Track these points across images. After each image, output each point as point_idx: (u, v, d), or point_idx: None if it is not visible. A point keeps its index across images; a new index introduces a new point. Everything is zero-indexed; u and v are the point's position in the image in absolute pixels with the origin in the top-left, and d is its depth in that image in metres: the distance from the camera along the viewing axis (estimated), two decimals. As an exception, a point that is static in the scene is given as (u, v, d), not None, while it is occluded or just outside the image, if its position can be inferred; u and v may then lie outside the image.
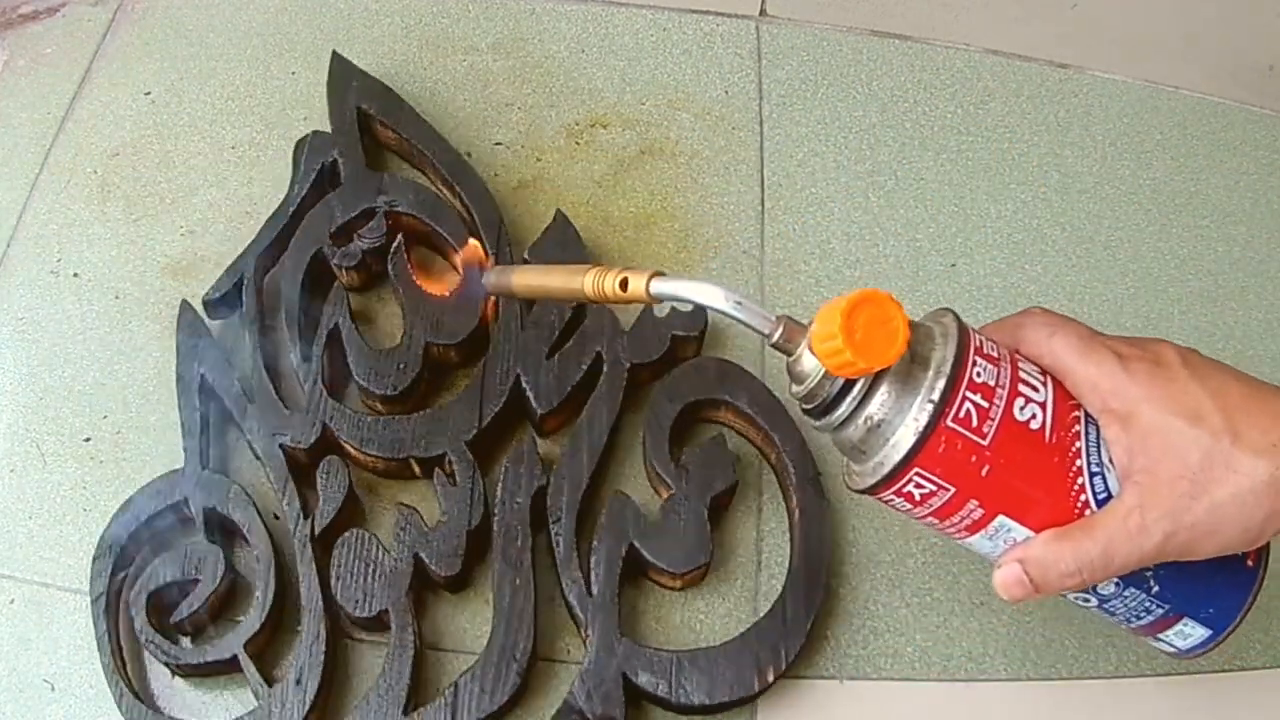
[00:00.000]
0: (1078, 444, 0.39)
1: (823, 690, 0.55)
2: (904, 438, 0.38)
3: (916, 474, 0.39)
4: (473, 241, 0.60)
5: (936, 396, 0.38)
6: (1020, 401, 0.39)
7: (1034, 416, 0.39)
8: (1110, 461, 0.39)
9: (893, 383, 0.39)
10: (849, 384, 0.39)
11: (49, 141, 0.70)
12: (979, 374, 0.38)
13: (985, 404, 0.38)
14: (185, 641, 0.54)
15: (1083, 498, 0.39)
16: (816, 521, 0.57)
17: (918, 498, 0.40)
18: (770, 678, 0.53)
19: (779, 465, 0.59)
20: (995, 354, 0.40)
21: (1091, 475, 0.39)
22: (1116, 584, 0.41)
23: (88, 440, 0.59)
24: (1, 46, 0.74)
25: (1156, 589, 0.41)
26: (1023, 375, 0.40)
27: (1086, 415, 0.40)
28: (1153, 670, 0.56)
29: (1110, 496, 0.39)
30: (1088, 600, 0.43)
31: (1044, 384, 0.40)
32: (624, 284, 0.44)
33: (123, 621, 0.54)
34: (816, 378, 0.40)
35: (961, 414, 0.38)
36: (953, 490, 0.39)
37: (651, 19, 0.77)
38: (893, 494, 0.40)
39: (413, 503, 0.57)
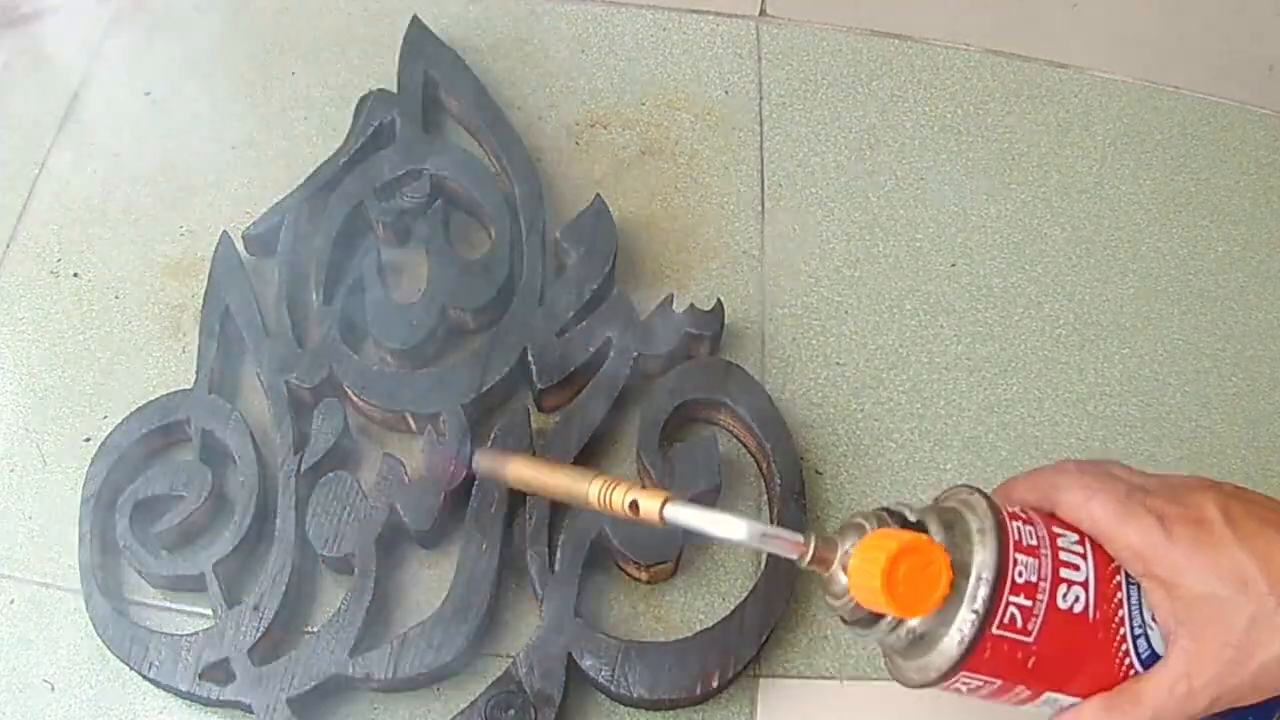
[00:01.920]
0: (1120, 612, 0.39)
1: (823, 690, 0.55)
2: (949, 647, 0.37)
3: (963, 675, 0.38)
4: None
5: (980, 607, 0.37)
6: (1063, 589, 0.38)
7: (1077, 599, 0.38)
8: (1153, 620, 0.39)
9: None
10: None
11: (49, 141, 0.70)
12: (1020, 573, 0.37)
13: (1029, 603, 0.37)
14: (162, 554, 0.55)
15: (1128, 661, 0.39)
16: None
17: (965, 690, 0.39)
18: (715, 683, 0.52)
19: (768, 475, 0.59)
20: (1034, 542, 0.38)
21: (1135, 638, 0.39)
22: None
23: (87, 440, 0.59)
24: (1, 46, 0.74)
25: None
26: (1063, 558, 0.39)
27: (1128, 576, 0.39)
28: (1153, 670, 0.56)
29: (1154, 655, 0.39)
30: None
31: (1084, 558, 0.39)
32: (634, 507, 0.41)
33: (107, 526, 0.56)
34: (853, 599, 0.38)
35: (1006, 619, 0.37)
36: (999, 683, 0.39)
37: (651, 19, 0.77)
38: (941, 689, 0.39)
39: (402, 456, 0.58)
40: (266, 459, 0.57)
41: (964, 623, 0.37)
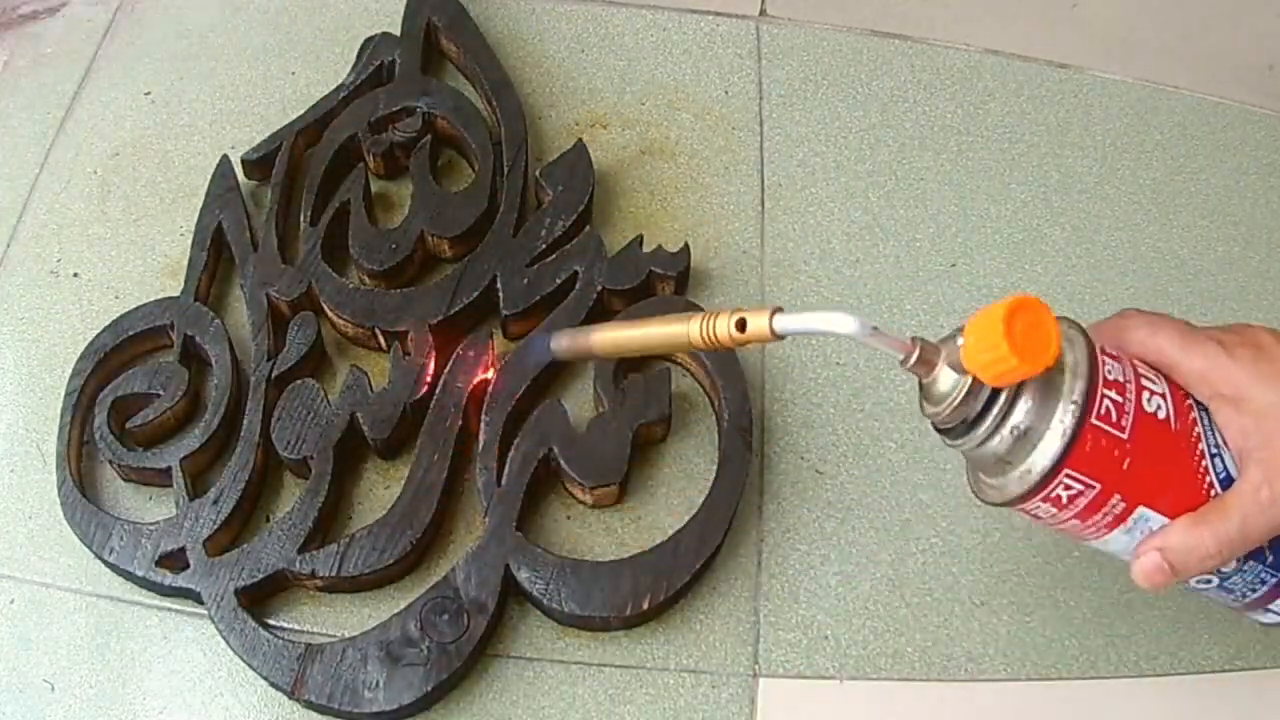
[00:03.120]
0: (1197, 429, 0.41)
1: (823, 690, 0.55)
2: (1052, 442, 0.39)
3: (1066, 475, 0.40)
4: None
5: (1079, 397, 0.39)
6: (1146, 394, 0.40)
7: (1159, 408, 0.41)
8: (1224, 443, 0.41)
9: (1034, 391, 0.39)
10: (992, 399, 0.40)
11: (49, 141, 0.70)
12: (1109, 372, 0.40)
13: (1119, 399, 0.40)
14: (136, 449, 0.58)
15: (1208, 480, 0.41)
16: (735, 471, 0.58)
17: (1065, 500, 0.40)
18: (645, 605, 0.54)
19: (718, 410, 0.60)
20: (1114, 352, 0.41)
21: (1211, 458, 0.41)
22: (1238, 561, 0.43)
23: (87, 442, 0.59)
24: (1, 46, 0.74)
25: (1271, 559, 0.43)
26: (1141, 371, 0.41)
27: (1197, 403, 0.42)
28: (1153, 670, 0.56)
29: (1230, 477, 0.41)
30: (1208, 583, 0.44)
31: (1158, 378, 0.42)
32: (741, 325, 0.42)
33: (86, 419, 0.59)
34: (958, 396, 0.40)
35: (1102, 411, 0.39)
36: (1098, 487, 0.40)
37: (651, 19, 0.77)
38: (1039, 500, 0.41)
39: (369, 370, 0.60)
40: (241, 365, 0.60)
41: (1065, 414, 0.39)
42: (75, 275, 0.65)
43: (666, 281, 0.63)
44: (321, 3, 0.77)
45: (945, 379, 0.40)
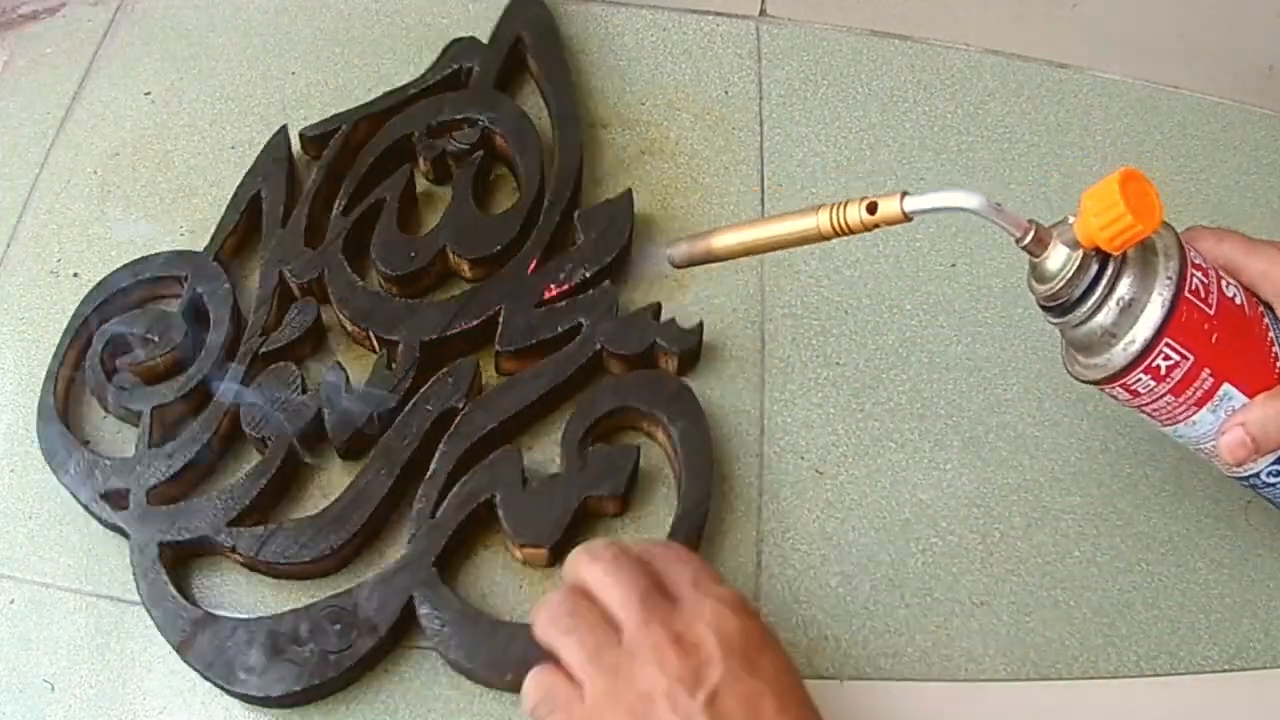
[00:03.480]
0: (1265, 319, 0.46)
1: (823, 690, 0.55)
2: (1153, 311, 0.43)
3: (1166, 345, 0.44)
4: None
5: (1173, 273, 0.43)
6: (1224, 281, 0.45)
7: (1235, 294, 0.45)
8: None
9: (1133, 266, 0.44)
10: (1099, 275, 0.44)
11: (49, 141, 0.70)
12: (1194, 257, 0.45)
13: (1205, 280, 0.44)
14: (121, 387, 0.59)
15: (1279, 365, 0.46)
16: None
17: (1163, 371, 0.45)
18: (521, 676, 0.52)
19: (677, 500, 0.58)
20: (1193, 245, 0.46)
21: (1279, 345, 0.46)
22: None
23: (86, 442, 0.59)
24: (1, 46, 0.74)
25: None
26: (1216, 264, 0.46)
27: (1263, 302, 0.47)
28: (1153, 670, 0.56)
29: None
30: (1276, 475, 0.48)
31: (1231, 275, 0.47)
32: (872, 208, 0.45)
33: (82, 349, 0.60)
34: (1069, 271, 0.44)
35: (1194, 286, 0.44)
36: (1192, 359, 0.44)
37: (651, 19, 0.77)
38: (1141, 372, 0.45)
39: (356, 371, 0.60)
40: (238, 333, 0.61)
41: (1163, 287, 0.43)
42: (75, 275, 0.65)
43: (670, 357, 0.61)
44: (321, 3, 0.77)
45: (1056, 257, 0.45)
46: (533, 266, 0.63)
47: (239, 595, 0.56)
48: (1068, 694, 0.56)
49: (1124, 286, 0.44)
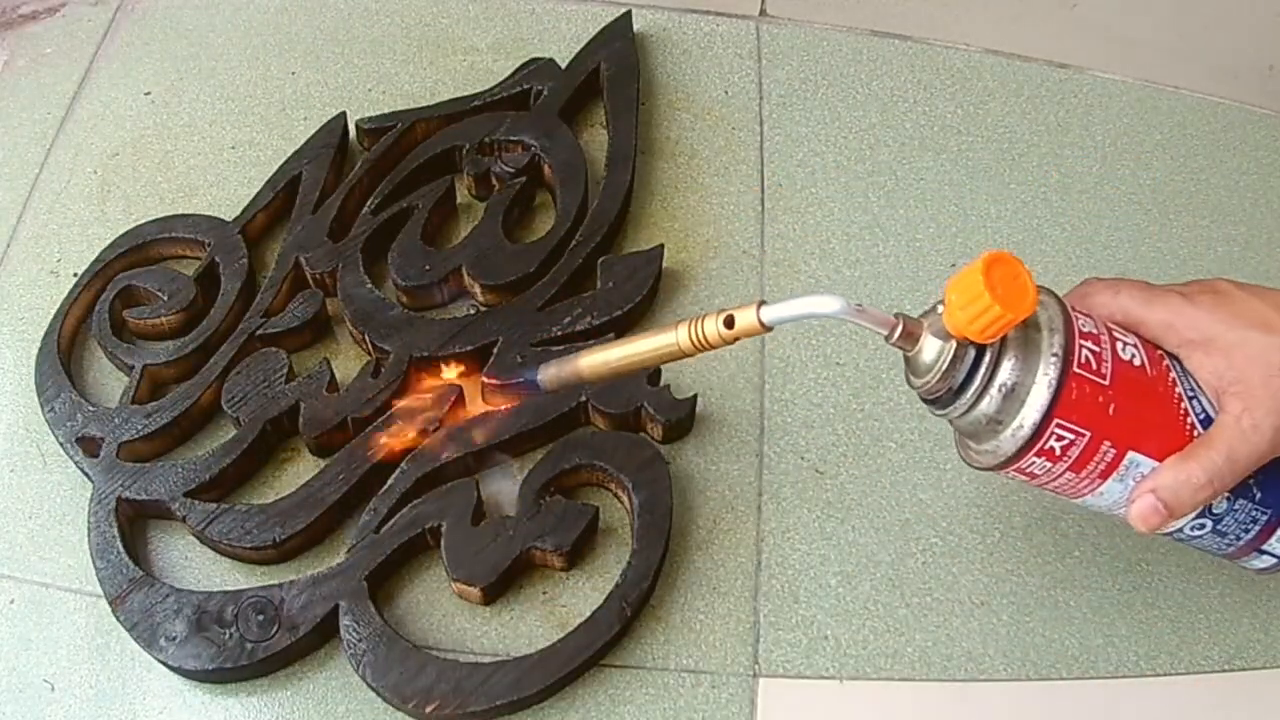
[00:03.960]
0: (1172, 375, 0.43)
1: (823, 690, 0.55)
2: (1040, 394, 0.41)
3: (1057, 426, 0.41)
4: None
5: (1059, 349, 0.41)
6: (1119, 344, 0.43)
7: (1134, 356, 0.43)
8: (1199, 386, 0.43)
9: (1014, 348, 0.41)
10: (977, 362, 0.41)
11: (49, 141, 0.70)
12: (1083, 325, 0.42)
13: (1096, 349, 0.42)
14: (122, 340, 0.61)
15: (1189, 420, 0.43)
16: (588, 638, 0.53)
17: (1058, 452, 0.42)
18: (428, 709, 0.51)
19: (628, 565, 0.56)
20: (1084, 310, 0.44)
21: (1189, 400, 0.43)
22: (1228, 499, 0.44)
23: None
24: (1, 46, 0.74)
25: (1259, 495, 0.44)
26: (1112, 325, 0.44)
27: (1168, 353, 0.44)
28: (1153, 670, 0.56)
29: (1209, 416, 0.43)
30: (1202, 529, 0.45)
31: (1128, 333, 0.44)
32: (729, 322, 0.42)
33: (96, 296, 0.62)
34: (944, 363, 0.41)
35: (1083, 360, 0.41)
36: (1089, 435, 0.42)
37: (651, 19, 0.77)
38: (1034, 455, 0.42)
39: (345, 371, 0.61)
40: (244, 309, 0.61)
41: (1048, 366, 0.41)
42: (75, 275, 0.65)
43: (654, 424, 0.59)
44: (321, 3, 0.77)
45: (930, 349, 0.42)
46: (544, 303, 0.62)
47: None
48: (1068, 694, 0.56)
49: (1005, 371, 0.41)
